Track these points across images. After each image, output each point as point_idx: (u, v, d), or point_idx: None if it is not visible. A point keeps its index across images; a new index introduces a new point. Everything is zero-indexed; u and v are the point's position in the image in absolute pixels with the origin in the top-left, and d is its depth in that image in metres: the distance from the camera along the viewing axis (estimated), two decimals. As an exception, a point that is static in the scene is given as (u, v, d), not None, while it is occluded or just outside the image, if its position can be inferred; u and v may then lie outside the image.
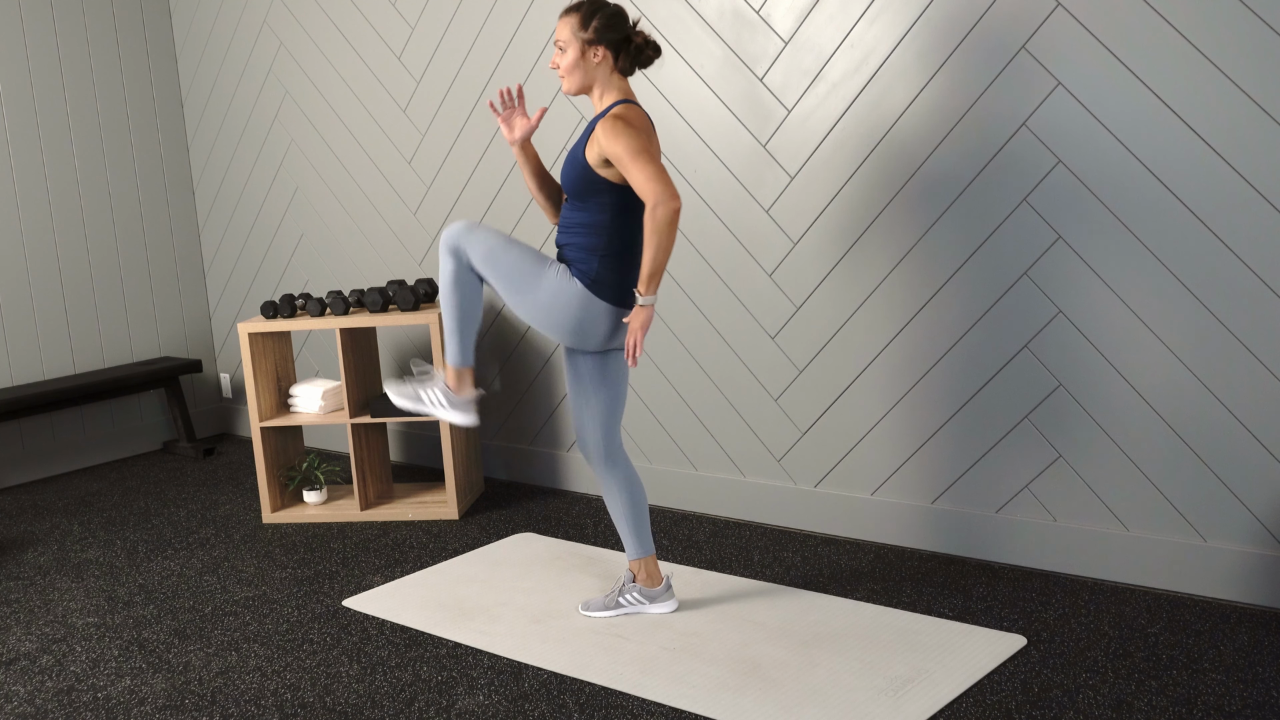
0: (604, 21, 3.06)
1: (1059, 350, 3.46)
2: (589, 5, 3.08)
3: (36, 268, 5.56)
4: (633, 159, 2.94)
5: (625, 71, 3.13)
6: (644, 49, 3.11)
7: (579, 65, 3.09)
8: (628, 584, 3.42)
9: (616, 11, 3.09)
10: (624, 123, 2.97)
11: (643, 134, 2.98)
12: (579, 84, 3.12)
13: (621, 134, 2.95)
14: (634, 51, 3.10)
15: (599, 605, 3.45)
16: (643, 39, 3.11)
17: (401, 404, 3.34)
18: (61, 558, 4.34)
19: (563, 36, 3.09)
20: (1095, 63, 3.26)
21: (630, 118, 3.00)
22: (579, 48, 3.08)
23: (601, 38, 3.06)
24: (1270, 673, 2.85)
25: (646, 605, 3.43)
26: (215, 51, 5.83)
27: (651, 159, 2.95)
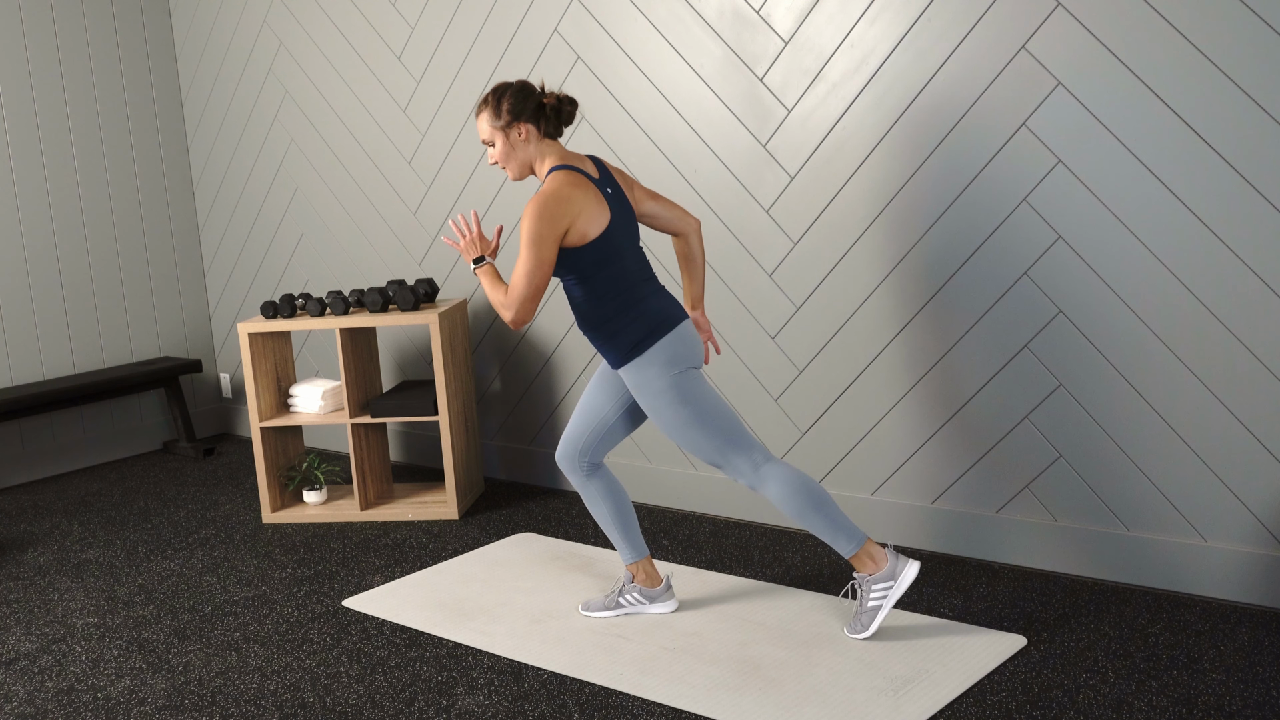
0: (512, 102, 3.10)
1: (1059, 350, 3.46)
2: (492, 94, 3.13)
3: (36, 268, 5.56)
4: (524, 251, 2.99)
5: (554, 135, 3.16)
6: (560, 107, 3.14)
7: (511, 152, 3.14)
8: (627, 584, 3.42)
9: (520, 87, 3.12)
10: (537, 209, 2.98)
11: (551, 225, 2.98)
12: (519, 168, 3.16)
13: (530, 219, 2.98)
14: (552, 114, 3.13)
15: (599, 605, 3.45)
16: (553, 99, 3.14)
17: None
18: (61, 558, 4.34)
19: (485, 133, 3.15)
20: (1095, 63, 3.26)
21: (551, 200, 2.99)
22: (503, 135, 3.12)
23: (517, 115, 3.10)
24: (1270, 673, 2.85)
25: (646, 605, 3.43)
26: (215, 51, 5.83)
27: (535, 268, 2.98)
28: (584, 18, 4.34)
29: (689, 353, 3.14)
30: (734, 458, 3.13)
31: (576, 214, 3.01)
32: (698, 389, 3.12)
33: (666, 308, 3.15)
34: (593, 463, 3.36)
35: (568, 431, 3.37)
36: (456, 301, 4.67)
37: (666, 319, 3.12)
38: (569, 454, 3.36)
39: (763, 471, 3.13)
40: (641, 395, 3.14)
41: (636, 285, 3.14)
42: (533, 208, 2.98)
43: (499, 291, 3.08)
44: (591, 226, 3.04)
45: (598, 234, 3.05)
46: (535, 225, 2.97)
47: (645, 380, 3.11)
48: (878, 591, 3.14)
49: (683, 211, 3.33)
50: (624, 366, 3.14)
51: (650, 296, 3.14)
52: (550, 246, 2.99)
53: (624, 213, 3.14)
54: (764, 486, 3.13)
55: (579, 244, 3.04)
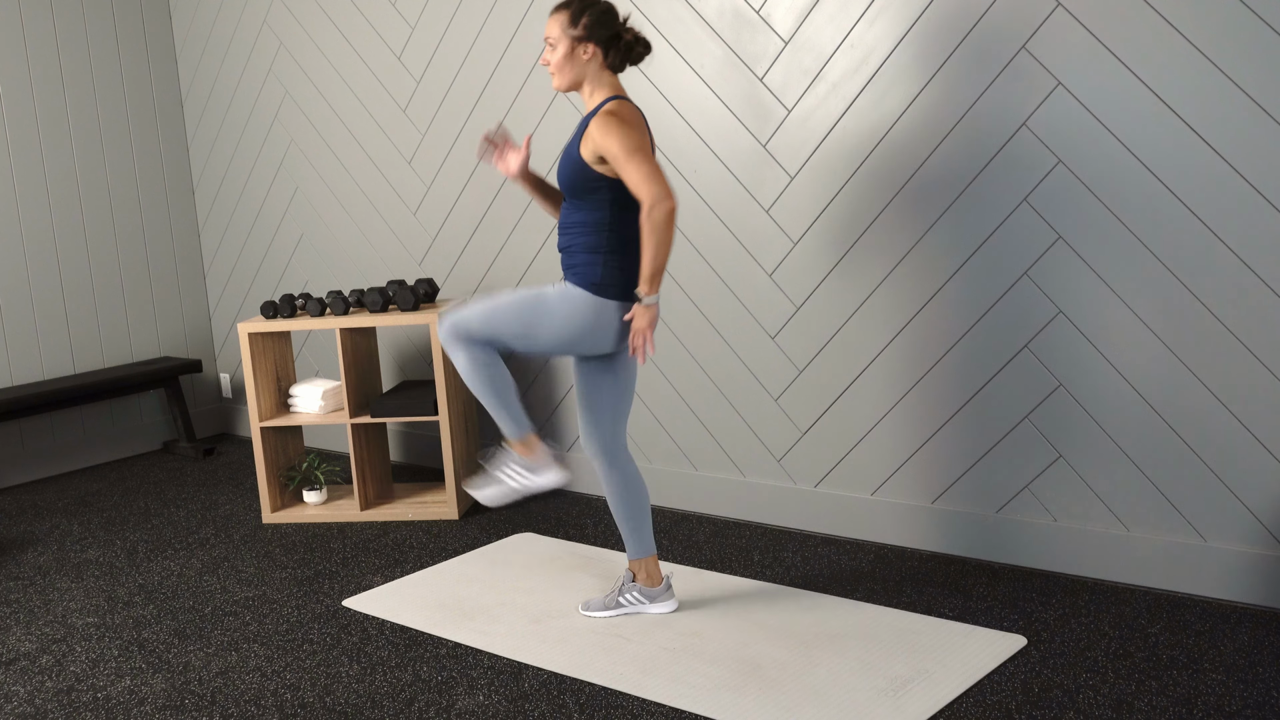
0: (594, 18, 3.07)
1: (1059, 350, 3.46)
2: (579, 2, 3.08)
3: (36, 268, 5.56)
4: (628, 157, 2.94)
5: (615, 68, 3.13)
6: (634, 46, 3.11)
7: (569, 62, 3.10)
8: (628, 584, 3.42)
9: (606, 9, 3.09)
10: (618, 119, 2.97)
11: (636, 131, 2.98)
12: (569, 80, 3.12)
13: (615, 130, 2.96)
14: (624, 48, 3.10)
15: (599, 605, 3.45)
16: (632, 35, 3.11)
17: (490, 498, 3.30)
18: (61, 558, 4.34)
19: (552, 34, 3.10)
20: (1095, 63, 3.26)
21: (623, 114, 3.01)
22: (569, 44, 3.08)
23: (591, 34, 3.07)
24: (1270, 673, 2.85)
25: (646, 605, 3.42)
26: (215, 51, 5.83)
27: (646, 157, 2.95)
28: (584, 18, 4.34)
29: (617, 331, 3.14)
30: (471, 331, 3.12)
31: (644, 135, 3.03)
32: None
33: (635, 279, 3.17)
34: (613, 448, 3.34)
35: (580, 425, 3.37)
36: (456, 301, 4.67)
37: (628, 291, 3.15)
38: (588, 446, 3.36)
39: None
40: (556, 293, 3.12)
41: (634, 241, 3.15)
42: (609, 119, 2.97)
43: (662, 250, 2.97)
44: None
45: None
46: (619, 129, 2.96)
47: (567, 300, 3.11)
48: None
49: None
50: (568, 282, 3.14)
51: (637, 264, 3.16)
52: (640, 137, 2.97)
53: None
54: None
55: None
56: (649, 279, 3.00)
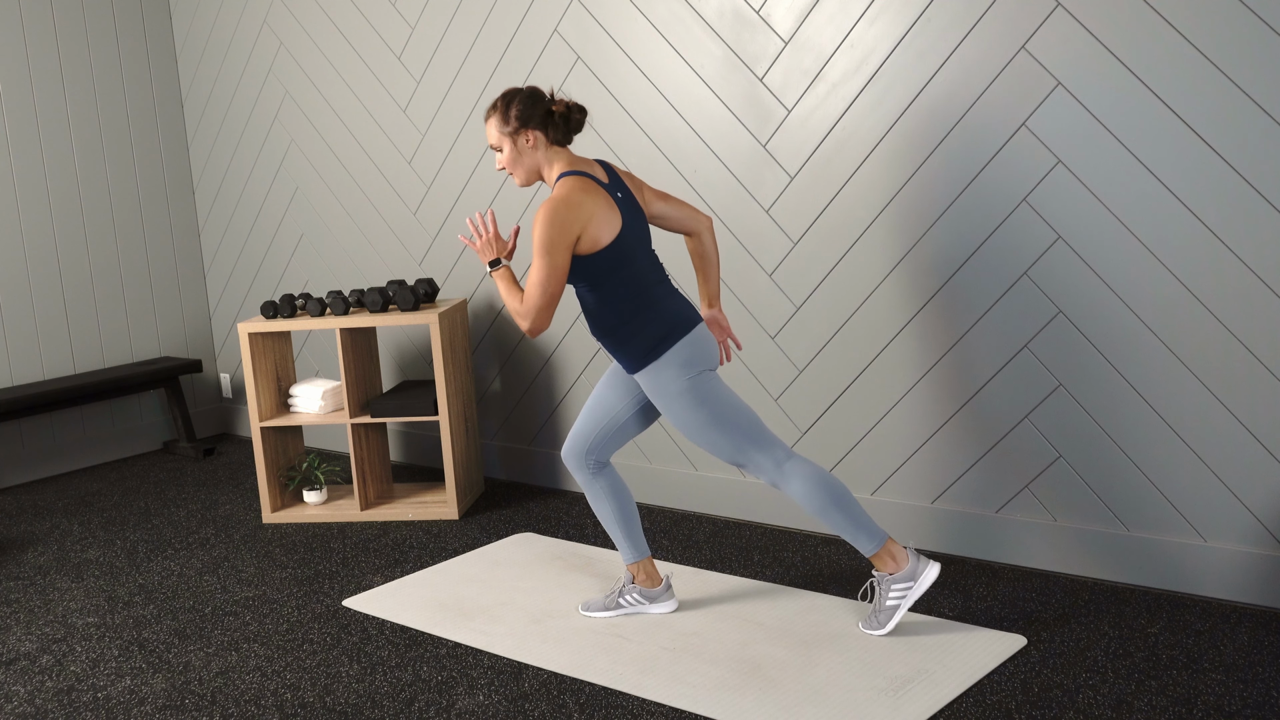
0: (521, 106, 3.09)
1: (1059, 350, 3.46)
2: (502, 100, 3.12)
3: (36, 268, 5.56)
4: (537, 259, 2.98)
5: (562, 142, 3.14)
6: (569, 115, 3.12)
7: (518, 157, 3.13)
8: (627, 584, 3.42)
9: (529, 92, 3.11)
10: (549, 217, 2.97)
11: (563, 233, 2.97)
12: (527, 174, 3.16)
13: (542, 228, 2.97)
14: (560, 121, 3.12)
15: (599, 605, 3.45)
16: (563, 106, 3.12)
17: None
18: (61, 558, 4.34)
19: (493, 139, 3.14)
20: (1095, 63, 3.26)
21: (562, 206, 2.98)
22: (510, 141, 3.12)
23: (525, 122, 3.09)
24: (1270, 673, 2.85)
25: (646, 605, 3.43)
26: (215, 51, 5.83)
27: (549, 276, 2.97)
28: (584, 18, 4.34)
29: (704, 355, 3.13)
30: (755, 456, 3.13)
31: (588, 219, 3.00)
32: (714, 390, 3.12)
33: (681, 309, 3.15)
34: (599, 461, 3.35)
35: (576, 429, 3.36)
36: (456, 301, 4.67)
37: (681, 321, 3.12)
38: (576, 451, 3.35)
39: (785, 469, 3.13)
40: (658, 398, 3.14)
41: (650, 288, 3.13)
42: (544, 215, 2.97)
43: (515, 298, 3.07)
44: (603, 232, 3.03)
45: (610, 240, 3.04)
46: (547, 232, 2.96)
47: (662, 383, 3.11)
48: (897, 590, 3.15)
49: (693, 210, 3.31)
50: (640, 371, 3.14)
51: (664, 299, 3.14)
52: (564, 253, 2.98)
53: (635, 216, 3.13)
54: (787, 484, 3.13)
55: (591, 250, 3.03)
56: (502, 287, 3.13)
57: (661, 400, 3.13)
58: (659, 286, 3.15)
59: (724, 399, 3.12)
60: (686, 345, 3.10)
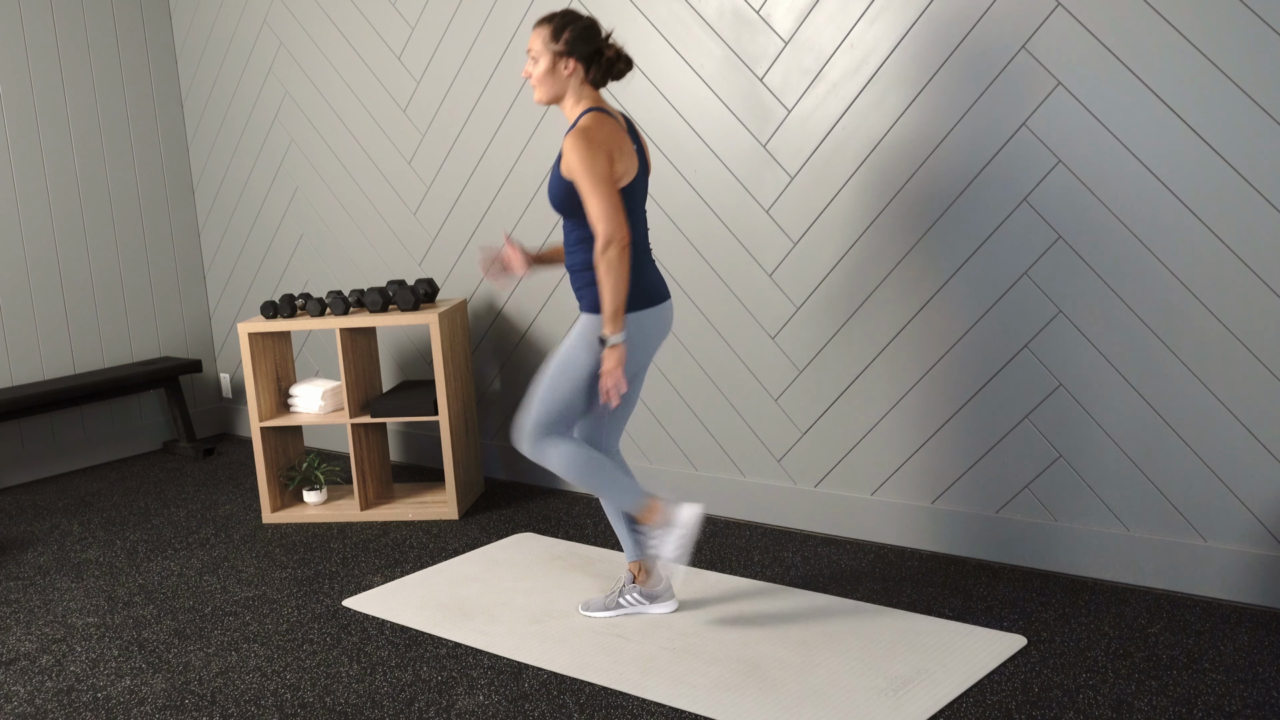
0: (575, 34, 3.07)
1: (1059, 350, 3.46)
2: (561, 17, 3.09)
3: (36, 268, 5.56)
4: (591, 187, 2.96)
5: (597, 83, 3.13)
6: (615, 62, 3.12)
7: (550, 76, 3.10)
8: (628, 584, 3.42)
9: (589, 24, 3.10)
10: (585, 140, 2.96)
11: (603, 155, 2.97)
12: (550, 94, 3.13)
13: (582, 153, 2.96)
14: (605, 65, 3.11)
15: (599, 605, 3.45)
16: (614, 52, 3.11)
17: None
18: (61, 558, 4.34)
19: (534, 47, 3.11)
20: (1095, 63, 3.26)
21: (594, 133, 2.99)
22: (550, 59, 3.09)
23: (573, 50, 3.07)
24: (1270, 673, 2.85)
25: (646, 605, 3.43)
26: (215, 51, 5.83)
27: (606, 190, 2.95)
28: (584, 18, 4.34)
29: (654, 336, 3.16)
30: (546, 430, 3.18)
31: (614, 149, 3.02)
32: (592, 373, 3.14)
33: (660, 280, 3.18)
34: (605, 453, 3.35)
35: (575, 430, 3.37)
36: (456, 301, 4.67)
37: (657, 291, 3.15)
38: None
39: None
40: (576, 336, 3.14)
41: (641, 248, 3.16)
42: (577, 139, 2.96)
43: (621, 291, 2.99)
44: (625, 171, 3.05)
45: (626, 181, 3.06)
46: (585, 153, 2.95)
47: (589, 331, 3.13)
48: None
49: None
50: (585, 314, 3.15)
51: (648, 264, 3.17)
52: (606, 163, 2.97)
53: (645, 171, 3.18)
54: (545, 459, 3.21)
55: None
56: (609, 319, 3.00)
57: (575, 340, 3.14)
58: (646, 251, 3.19)
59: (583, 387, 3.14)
60: (648, 317, 3.12)
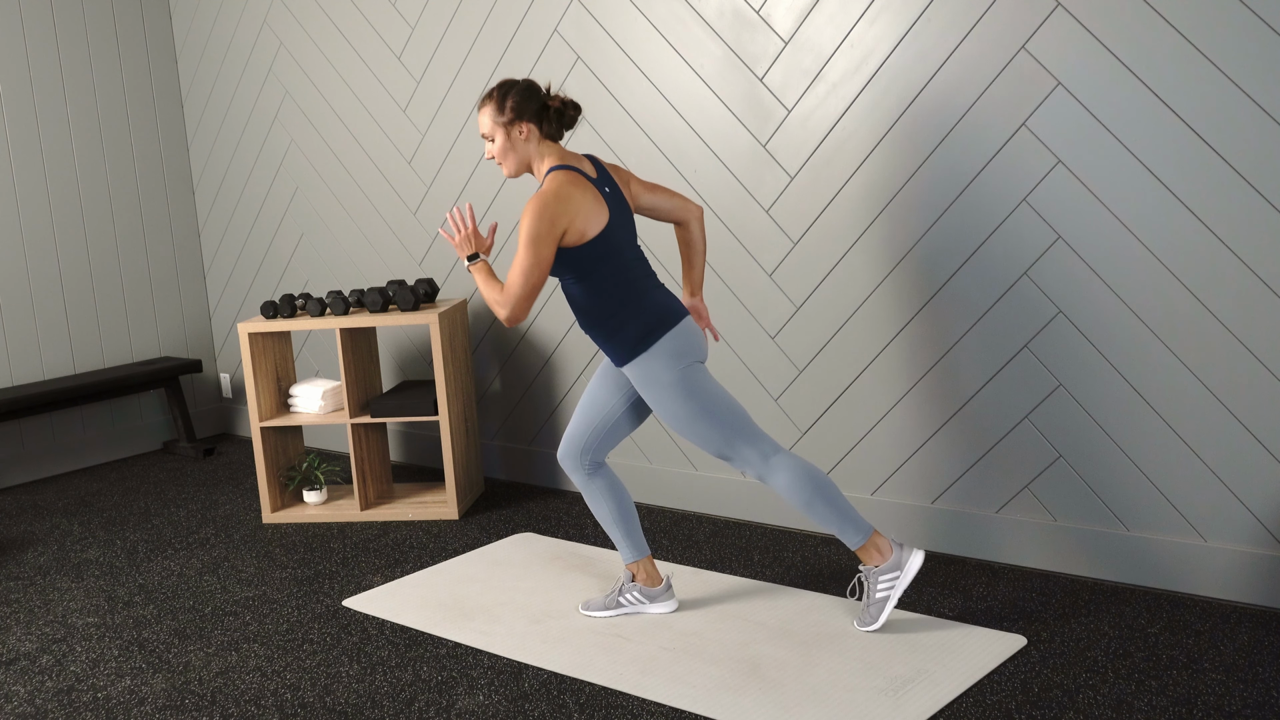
0: (518, 98, 3.10)
1: (1059, 350, 3.46)
2: (499, 90, 3.13)
3: (36, 268, 5.56)
4: (520, 258, 3.00)
5: (555, 137, 3.16)
6: (564, 111, 3.14)
7: (510, 149, 3.14)
8: (627, 584, 3.42)
9: (526, 85, 3.12)
10: (538, 210, 2.98)
11: (550, 228, 2.98)
12: (517, 165, 3.16)
13: (529, 221, 2.99)
14: (555, 116, 3.13)
15: (599, 605, 3.45)
16: (559, 101, 3.14)
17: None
18: (61, 558, 4.34)
19: (485, 128, 3.15)
20: (1095, 63, 3.26)
21: (549, 201, 3.00)
22: (503, 132, 3.12)
23: (520, 114, 3.10)
24: (1270, 673, 2.85)
25: (646, 605, 3.43)
26: (215, 51, 5.83)
27: (532, 269, 2.99)
28: (584, 18, 4.34)
29: (693, 346, 3.15)
30: (743, 449, 3.14)
31: (575, 213, 3.02)
32: (702, 382, 3.13)
33: (668, 302, 3.17)
34: (595, 461, 3.36)
35: (570, 430, 3.37)
36: (456, 301, 4.67)
37: (668, 314, 3.14)
38: (571, 452, 3.36)
39: (772, 462, 3.14)
40: (647, 390, 3.15)
41: (636, 281, 3.15)
42: (532, 207, 2.99)
43: (493, 289, 3.10)
44: (590, 226, 3.05)
45: (596, 233, 3.06)
46: (535, 224, 2.98)
47: (651, 375, 3.12)
48: (885, 583, 3.17)
49: (683, 200, 3.34)
50: (629, 363, 3.15)
51: (650, 291, 3.16)
52: (549, 246, 3.00)
53: (622, 211, 3.16)
54: (773, 477, 3.14)
55: (578, 243, 3.05)
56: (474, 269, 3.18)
57: (650, 392, 3.14)
58: (645, 279, 3.18)
59: (712, 392, 3.14)
60: (675, 337, 3.12)
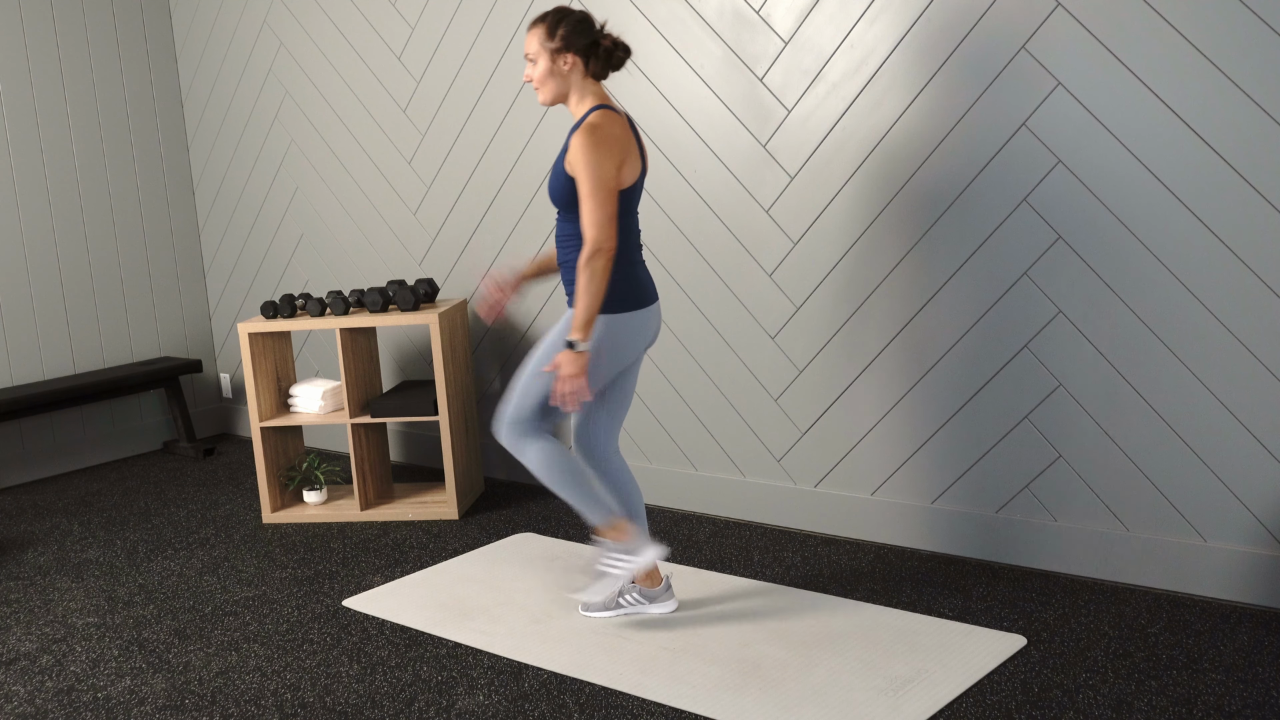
0: (570, 28, 3.07)
1: (1059, 350, 3.46)
2: (553, 15, 3.09)
3: (36, 268, 5.56)
4: (590, 190, 2.95)
5: (598, 76, 3.13)
6: (613, 51, 3.11)
7: (551, 75, 3.10)
8: (628, 585, 3.42)
9: (582, 18, 3.09)
10: (594, 140, 2.95)
11: (609, 157, 2.96)
12: (553, 94, 3.13)
13: (588, 152, 2.95)
14: (603, 55, 3.10)
15: (599, 605, 3.45)
16: (610, 41, 3.10)
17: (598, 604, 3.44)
18: (61, 558, 4.34)
19: (531, 49, 3.11)
20: (1095, 63, 3.26)
21: (602, 132, 2.98)
22: (548, 58, 3.09)
23: (569, 45, 3.07)
24: (1270, 673, 2.85)
25: (646, 605, 3.43)
26: (215, 51, 5.83)
27: (605, 197, 2.94)
28: (584, 18, 4.34)
29: (638, 339, 3.16)
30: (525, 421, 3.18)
31: (624, 154, 3.02)
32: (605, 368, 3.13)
33: (648, 281, 3.19)
34: (603, 455, 3.35)
35: (581, 433, 3.37)
36: (456, 301, 4.67)
37: (645, 294, 3.16)
38: (588, 451, 3.36)
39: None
40: (559, 334, 3.16)
41: (633, 249, 3.16)
42: (587, 137, 2.95)
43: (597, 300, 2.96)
44: (626, 174, 3.05)
45: (629, 183, 3.07)
46: (593, 154, 2.94)
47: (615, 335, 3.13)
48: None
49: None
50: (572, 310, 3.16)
51: (640, 263, 3.18)
52: (612, 168, 2.96)
53: (644, 173, 3.18)
54: (522, 454, 3.20)
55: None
56: (579, 326, 2.98)
57: (557, 338, 3.15)
58: (638, 250, 3.19)
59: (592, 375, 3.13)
60: (637, 318, 3.13)
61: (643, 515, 3.42)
